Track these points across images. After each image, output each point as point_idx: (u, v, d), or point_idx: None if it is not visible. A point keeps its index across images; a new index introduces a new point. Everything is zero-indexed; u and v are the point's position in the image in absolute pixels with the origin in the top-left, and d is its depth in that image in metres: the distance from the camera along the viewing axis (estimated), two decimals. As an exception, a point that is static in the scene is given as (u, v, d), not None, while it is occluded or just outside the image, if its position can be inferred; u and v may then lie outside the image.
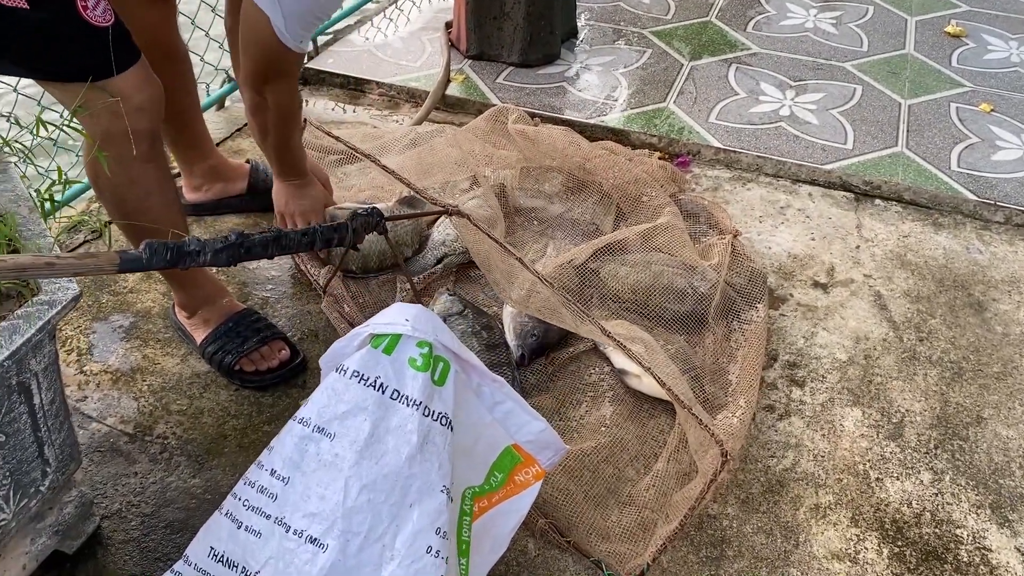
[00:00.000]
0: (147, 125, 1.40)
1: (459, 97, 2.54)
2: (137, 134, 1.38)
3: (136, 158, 1.41)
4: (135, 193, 1.47)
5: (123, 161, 1.40)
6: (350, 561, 1.02)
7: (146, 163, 1.43)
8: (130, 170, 1.43)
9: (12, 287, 1.08)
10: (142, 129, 1.39)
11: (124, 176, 1.43)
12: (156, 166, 1.46)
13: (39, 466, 1.18)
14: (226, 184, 2.07)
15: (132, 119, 1.36)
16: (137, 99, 1.36)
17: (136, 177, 1.44)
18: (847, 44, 2.89)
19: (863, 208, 2.20)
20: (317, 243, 1.31)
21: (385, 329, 1.09)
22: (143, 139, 1.40)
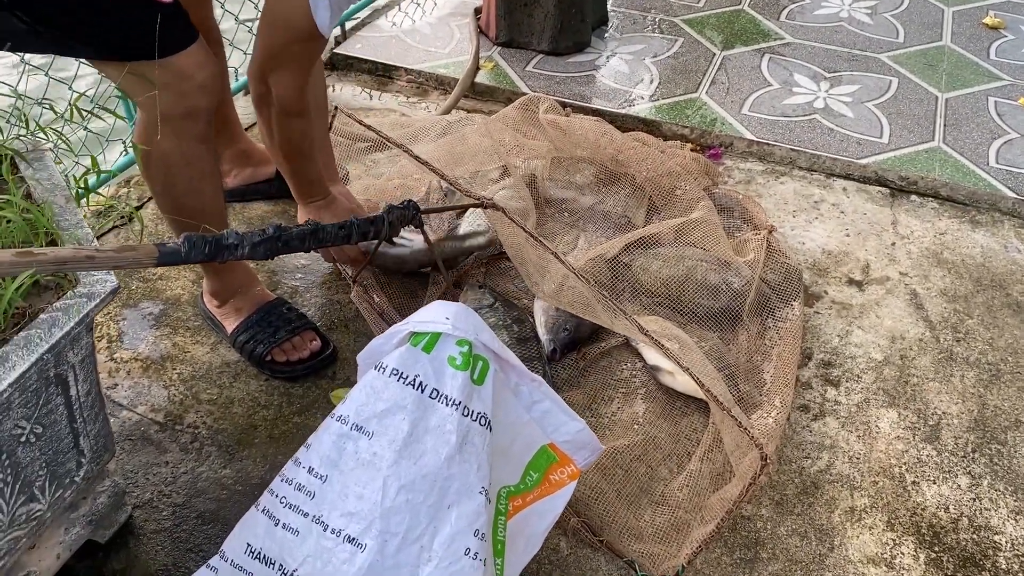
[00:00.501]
0: (207, 103, 1.39)
1: (488, 85, 2.51)
2: (197, 113, 1.38)
3: (194, 138, 1.41)
4: (189, 174, 1.45)
5: (182, 141, 1.40)
6: (388, 561, 1.02)
7: (202, 143, 1.43)
8: (187, 151, 1.42)
9: (52, 279, 1.07)
10: (202, 107, 1.38)
11: (180, 157, 1.42)
12: (209, 148, 1.46)
13: (74, 457, 1.18)
14: (255, 169, 2.06)
15: (194, 97, 1.36)
16: (199, 77, 1.35)
17: (192, 158, 1.43)
18: (883, 35, 2.84)
19: (899, 204, 2.16)
20: (354, 236, 1.30)
21: (425, 327, 1.07)
22: (202, 118, 1.40)
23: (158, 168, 1.44)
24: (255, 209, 2.05)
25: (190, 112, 1.35)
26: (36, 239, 1.11)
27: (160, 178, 1.47)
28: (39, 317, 1.03)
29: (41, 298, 1.08)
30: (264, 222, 2.02)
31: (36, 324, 1.02)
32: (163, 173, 1.45)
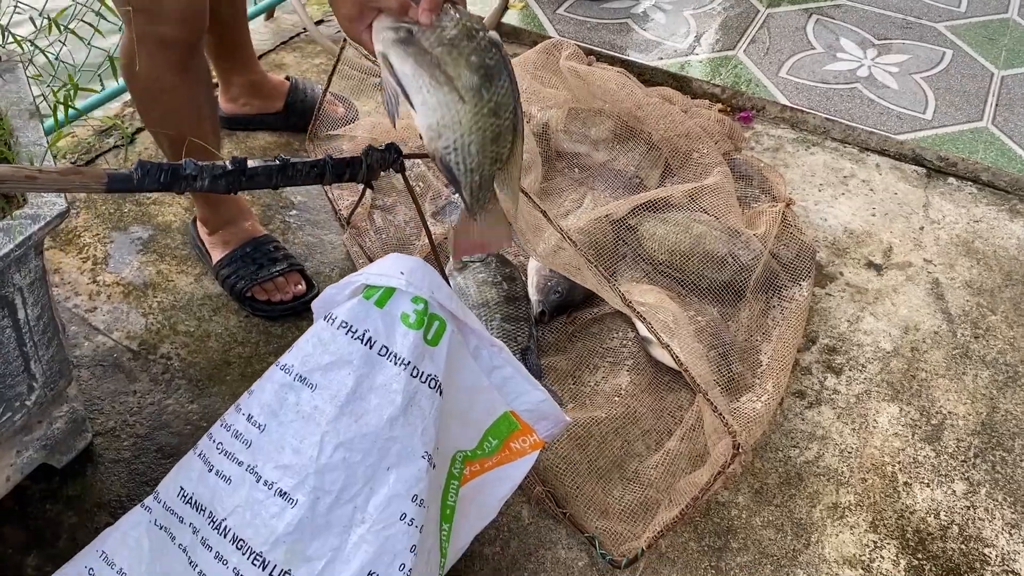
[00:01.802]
0: (183, 35, 1.35)
1: (515, 26, 2.41)
2: (172, 43, 1.34)
3: (170, 67, 1.37)
4: (164, 103, 1.42)
5: (157, 68, 1.36)
6: (319, 520, 0.97)
7: (180, 73, 1.39)
8: (163, 79, 1.39)
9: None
10: (174, 39, 1.34)
11: (154, 83, 1.39)
12: (190, 79, 1.41)
13: (25, 381, 1.15)
14: (263, 102, 2.00)
15: (167, 26, 1.32)
16: (174, 6, 1.30)
17: (166, 87, 1.40)
18: (943, 2, 2.66)
19: (934, 186, 2.03)
20: (327, 176, 1.23)
21: (379, 280, 1.01)
22: (176, 49, 1.36)
23: (135, 89, 1.42)
24: (258, 139, 2.00)
25: (164, 40, 1.32)
26: (-13, 154, 1.07)
27: (138, 100, 1.45)
28: (-22, 236, 0.99)
29: (-13, 216, 1.04)
30: (267, 153, 1.96)
31: (-27, 243, 0.98)
32: (140, 95, 1.43)
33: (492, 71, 1.07)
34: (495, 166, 1.08)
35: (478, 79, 1.05)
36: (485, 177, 1.08)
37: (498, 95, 1.07)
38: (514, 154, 1.09)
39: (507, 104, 1.07)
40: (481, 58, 1.06)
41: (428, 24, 1.07)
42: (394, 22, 1.07)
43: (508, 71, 1.08)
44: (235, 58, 1.92)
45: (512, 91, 1.08)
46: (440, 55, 1.06)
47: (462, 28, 1.07)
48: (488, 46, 1.08)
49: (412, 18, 1.07)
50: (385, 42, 1.08)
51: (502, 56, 1.09)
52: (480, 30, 1.08)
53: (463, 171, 1.07)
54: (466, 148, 1.05)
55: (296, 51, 2.33)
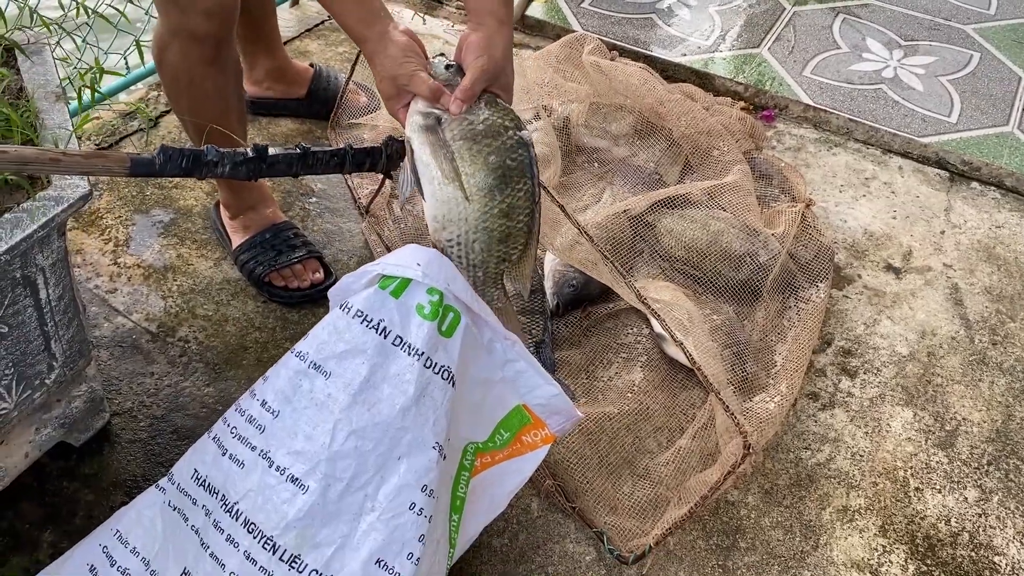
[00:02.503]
0: (211, 30, 1.37)
1: (539, 19, 2.40)
2: (201, 37, 1.37)
3: (199, 60, 1.40)
4: (192, 93, 1.45)
5: (187, 59, 1.40)
6: (329, 507, 0.98)
7: (208, 66, 1.42)
8: (192, 70, 1.41)
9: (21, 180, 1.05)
10: (205, 33, 1.37)
11: (184, 73, 1.42)
12: (220, 71, 1.44)
13: (45, 360, 1.17)
14: (287, 87, 2.01)
15: (196, 21, 1.34)
16: (204, 3, 1.33)
17: (195, 78, 1.43)
18: (972, 4, 2.63)
19: (956, 190, 2.01)
20: (347, 165, 1.24)
21: (395, 271, 1.02)
22: (207, 43, 1.38)
23: (165, 78, 1.45)
24: (281, 126, 2.01)
25: (194, 34, 1.34)
26: (14, 136, 1.08)
27: (167, 88, 1.48)
28: (3, 216, 1.01)
29: (12, 197, 1.06)
30: (288, 141, 1.97)
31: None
32: (170, 84, 1.46)
33: (511, 172, 1.06)
34: (502, 265, 1.08)
35: (493, 180, 1.05)
36: (489, 274, 1.08)
37: (513, 197, 1.06)
38: (527, 255, 1.08)
39: (523, 207, 1.07)
40: (501, 158, 1.06)
41: (456, 114, 1.08)
42: (427, 107, 1.08)
43: (531, 174, 1.07)
44: (261, 41, 1.93)
45: (531, 193, 1.07)
46: (459, 149, 1.06)
47: (490, 124, 1.07)
48: (514, 146, 1.07)
49: (444, 105, 1.08)
50: (411, 126, 1.09)
51: (529, 157, 1.08)
52: (511, 128, 1.08)
53: (465, 265, 1.07)
54: (469, 245, 1.05)
55: (320, 39, 2.34)
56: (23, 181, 1.04)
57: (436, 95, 1.09)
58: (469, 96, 1.09)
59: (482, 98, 1.10)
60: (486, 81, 1.11)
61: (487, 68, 1.10)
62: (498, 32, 1.12)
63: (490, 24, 1.12)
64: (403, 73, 1.09)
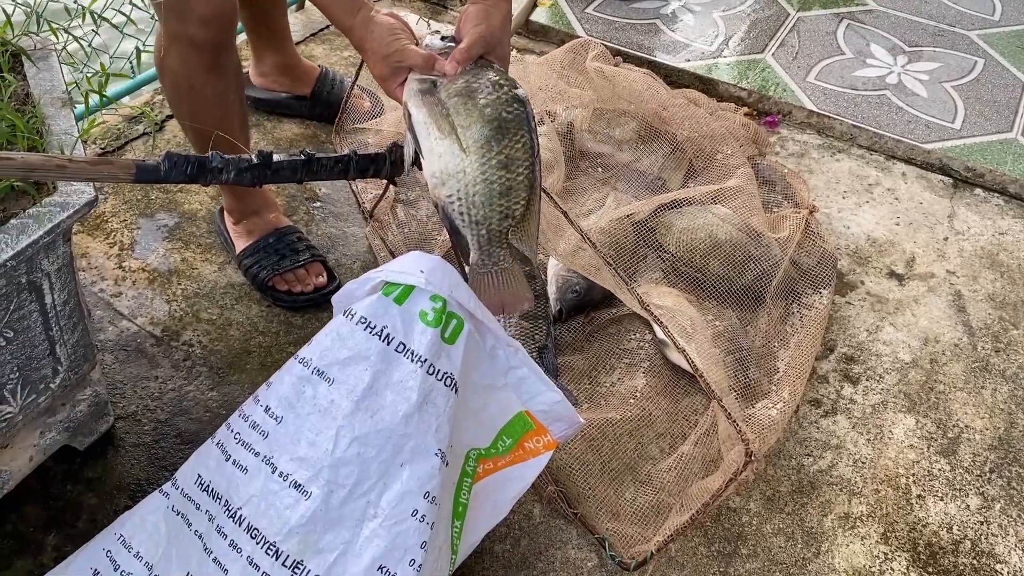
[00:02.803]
0: (209, 37, 1.37)
1: (543, 24, 2.41)
2: (200, 43, 1.37)
3: (199, 67, 1.40)
4: (192, 99, 1.46)
5: (187, 66, 1.40)
6: (332, 513, 0.99)
7: (208, 73, 1.42)
8: (190, 76, 1.42)
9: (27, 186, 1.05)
10: (204, 40, 1.37)
11: (184, 80, 1.43)
12: (218, 77, 1.44)
13: (50, 364, 1.17)
14: (292, 83, 2.02)
15: (194, 28, 1.35)
16: (202, 10, 1.33)
17: (195, 85, 1.43)
18: (976, 10, 2.63)
19: (960, 196, 2.01)
20: (352, 171, 1.25)
21: (399, 278, 1.02)
22: (205, 50, 1.39)
23: (165, 84, 1.46)
24: (285, 131, 2.01)
25: (193, 41, 1.34)
26: (20, 142, 1.09)
27: (168, 95, 1.49)
28: (9, 222, 1.01)
29: (18, 203, 1.07)
30: (293, 145, 1.98)
31: (4, 229, 1.00)
32: (170, 91, 1.47)
33: (507, 124, 1.05)
34: (506, 221, 1.06)
35: (489, 131, 1.04)
36: (493, 232, 1.06)
37: (511, 149, 1.04)
38: (530, 211, 1.07)
39: (521, 159, 1.05)
40: (496, 110, 1.05)
41: (452, 74, 1.08)
42: (422, 75, 1.09)
43: (528, 127, 1.06)
44: (270, 36, 1.94)
45: (530, 146, 1.06)
46: (454, 105, 1.06)
47: (485, 81, 1.07)
48: (510, 100, 1.07)
49: (440, 69, 1.09)
50: (408, 92, 1.09)
51: (526, 112, 1.07)
52: (506, 85, 1.08)
53: (467, 223, 1.05)
54: (470, 199, 1.03)
55: (325, 43, 2.34)
56: (29, 187, 1.05)
57: (430, 62, 1.09)
58: (465, 58, 1.09)
59: (478, 63, 1.10)
60: (483, 47, 1.11)
61: (484, 35, 1.11)
62: (496, 5, 1.13)
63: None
64: (394, 50, 1.10)
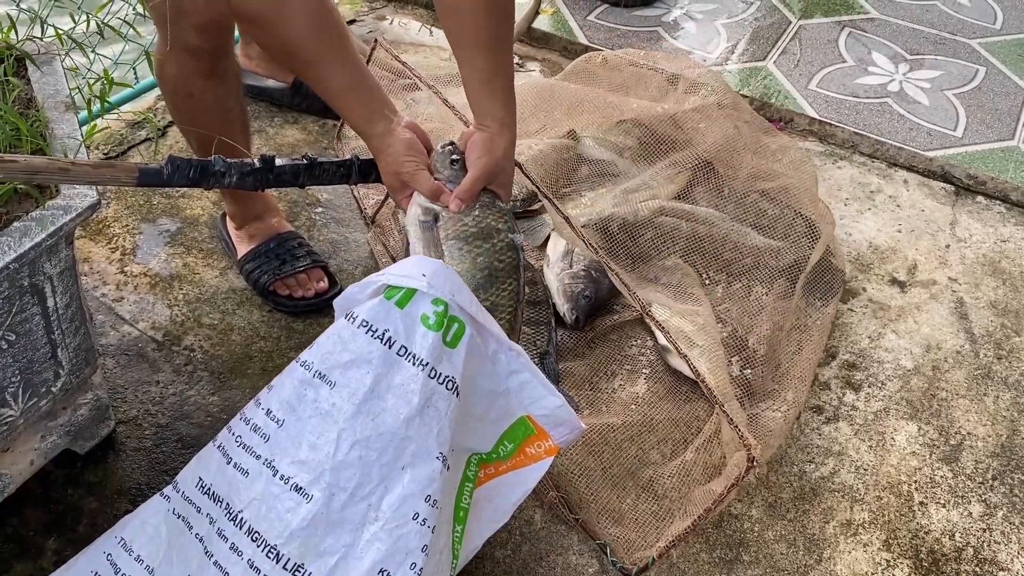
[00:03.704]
0: (206, 44, 1.38)
1: (545, 31, 2.42)
2: (197, 51, 1.38)
3: (196, 73, 1.41)
4: (192, 106, 1.46)
5: (183, 71, 1.41)
6: (333, 516, 0.98)
7: (206, 79, 1.43)
8: (189, 83, 1.43)
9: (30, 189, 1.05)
10: (200, 47, 1.38)
11: (182, 86, 1.44)
12: (217, 84, 1.45)
13: (51, 367, 1.17)
14: (276, 69, 2.03)
15: (189, 35, 1.35)
16: (197, 18, 1.34)
17: (195, 91, 1.44)
18: (978, 18, 2.63)
19: (962, 204, 2.01)
20: (353, 176, 1.25)
21: (400, 281, 1.02)
22: (203, 56, 1.39)
23: (165, 91, 1.47)
24: (287, 135, 2.02)
25: (189, 49, 1.35)
26: (24, 146, 1.09)
27: (168, 101, 1.50)
28: (12, 225, 1.02)
29: (21, 206, 1.07)
30: (295, 150, 1.99)
31: (7, 232, 1.00)
32: (170, 97, 1.48)
33: (497, 273, 1.15)
34: None
35: (480, 278, 1.13)
36: None
37: (497, 296, 1.14)
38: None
39: (506, 305, 1.15)
40: (489, 259, 1.15)
41: (455, 211, 1.15)
42: (426, 203, 1.16)
43: (517, 275, 1.16)
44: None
45: (515, 293, 1.16)
46: (450, 248, 1.14)
47: (483, 227, 1.16)
48: (504, 248, 1.16)
49: (444, 203, 1.16)
50: (410, 219, 1.17)
51: (517, 259, 1.17)
52: (503, 231, 1.17)
53: None
54: None
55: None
56: (32, 190, 1.05)
57: (436, 194, 1.16)
58: (468, 196, 1.16)
59: (480, 198, 1.18)
60: (485, 180, 1.18)
61: (487, 168, 1.17)
62: (500, 134, 1.19)
63: (492, 126, 1.19)
64: (406, 172, 1.16)
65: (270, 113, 2.06)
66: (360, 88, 1.16)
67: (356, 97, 1.16)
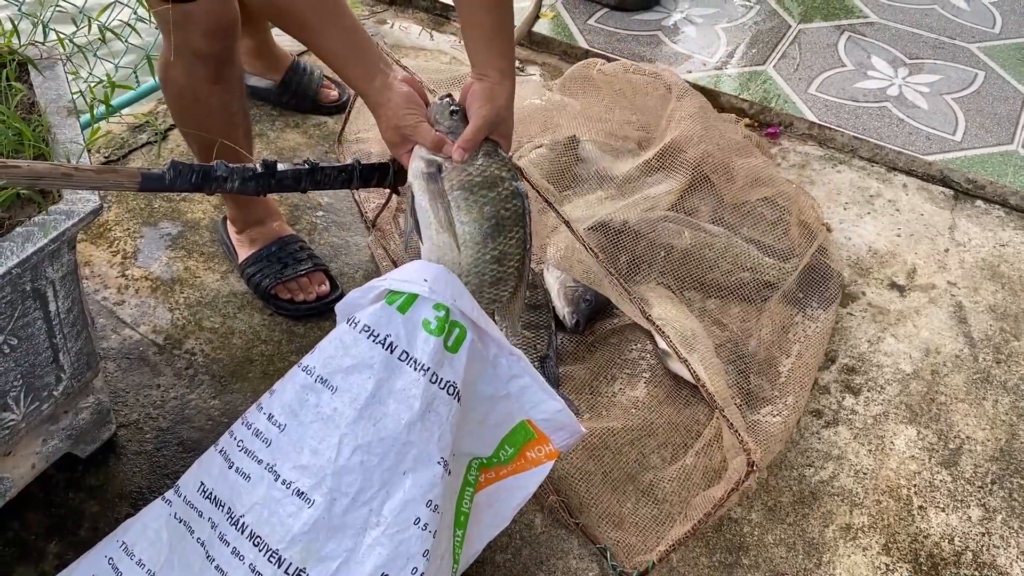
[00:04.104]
0: (213, 50, 1.39)
1: (545, 35, 2.42)
2: (205, 56, 1.39)
3: (203, 79, 1.42)
4: (197, 111, 1.47)
5: (192, 78, 1.42)
6: (335, 521, 0.99)
7: (212, 85, 1.43)
8: (195, 88, 1.43)
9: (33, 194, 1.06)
10: (207, 52, 1.39)
11: (189, 91, 1.44)
12: (224, 89, 1.45)
13: (53, 371, 1.18)
14: (264, 66, 2.04)
15: (198, 42, 1.36)
16: (205, 24, 1.35)
17: (200, 96, 1.44)
18: (977, 23, 2.64)
19: (961, 208, 2.02)
20: (355, 181, 1.26)
21: (402, 286, 1.03)
22: (209, 62, 1.40)
23: (169, 96, 1.48)
24: (288, 140, 2.02)
25: (197, 54, 1.36)
26: (26, 150, 1.09)
27: (172, 105, 1.51)
28: (15, 230, 1.02)
29: (24, 211, 1.07)
30: (295, 154, 1.99)
31: (10, 237, 1.01)
32: (174, 102, 1.48)
33: (504, 222, 1.13)
34: (492, 305, 1.14)
35: (487, 228, 1.12)
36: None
37: (505, 244, 1.13)
38: (516, 296, 1.15)
39: (514, 253, 1.14)
40: (496, 208, 1.13)
41: (459, 161, 1.14)
42: (429, 154, 1.15)
43: (524, 223, 1.15)
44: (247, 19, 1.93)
45: (523, 241, 1.15)
46: (456, 199, 1.13)
47: (488, 175, 1.14)
48: (509, 196, 1.14)
49: (447, 153, 1.15)
50: (413, 172, 1.16)
51: (523, 206, 1.16)
52: (507, 179, 1.15)
53: None
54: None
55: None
56: (35, 195, 1.06)
57: (438, 145, 1.15)
58: (471, 145, 1.15)
59: (482, 147, 1.17)
60: (488, 130, 1.17)
61: (489, 117, 1.17)
62: (500, 83, 1.19)
63: (493, 76, 1.19)
64: (406, 124, 1.16)
65: (271, 117, 2.07)
66: (357, 46, 1.17)
67: (353, 56, 1.17)
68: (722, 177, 1.85)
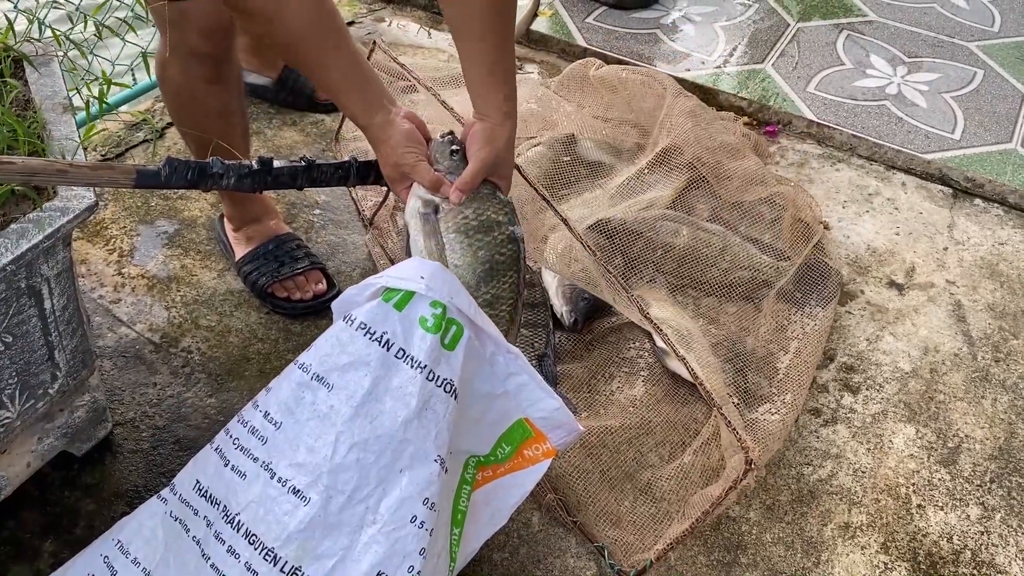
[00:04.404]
0: (210, 49, 1.38)
1: (543, 33, 2.42)
2: (201, 56, 1.38)
3: (199, 78, 1.41)
4: (194, 109, 1.46)
5: (188, 77, 1.41)
6: (331, 519, 0.98)
7: (209, 84, 1.43)
8: (192, 87, 1.43)
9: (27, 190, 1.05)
10: (204, 51, 1.38)
11: (186, 90, 1.44)
12: (221, 88, 1.45)
13: (48, 369, 1.17)
14: (261, 63, 2.03)
15: (194, 41, 1.36)
16: (201, 23, 1.34)
17: (197, 95, 1.44)
18: (976, 21, 2.64)
19: (959, 206, 2.01)
20: (352, 178, 1.25)
21: (399, 284, 1.02)
22: (206, 61, 1.40)
23: (166, 94, 1.47)
24: (285, 137, 2.02)
25: (193, 53, 1.35)
26: (21, 147, 1.09)
27: (169, 104, 1.50)
28: (9, 227, 1.01)
29: (19, 208, 1.06)
30: (292, 152, 1.98)
31: (5, 233, 1.00)
32: (171, 101, 1.48)
33: (498, 267, 1.14)
34: None
35: (481, 271, 1.12)
36: None
37: (498, 288, 1.13)
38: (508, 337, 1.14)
39: (507, 297, 1.14)
40: (490, 252, 1.13)
41: (455, 203, 1.14)
42: (426, 194, 1.15)
43: (517, 268, 1.15)
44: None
45: (516, 285, 1.15)
46: (451, 241, 1.13)
47: (483, 219, 1.14)
48: (504, 241, 1.15)
49: (444, 194, 1.14)
50: (410, 211, 1.16)
51: (518, 251, 1.16)
52: (504, 223, 1.15)
53: None
54: None
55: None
56: (30, 192, 1.05)
57: (436, 185, 1.15)
58: (469, 188, 1.15)
59: (481, 189, 1.16)
60: (486, 172, 1.16)
61: (488, 160, 1.16)
62: (501, 125, 1.17)
63: (494, 117, 1.17)
64: (406, 163, 1.15)
65: (268, 115, 2.06)
66: (359, 79, 1.15)
67: (355, 88, 1.14)
68: (717, 178, 1.85)
